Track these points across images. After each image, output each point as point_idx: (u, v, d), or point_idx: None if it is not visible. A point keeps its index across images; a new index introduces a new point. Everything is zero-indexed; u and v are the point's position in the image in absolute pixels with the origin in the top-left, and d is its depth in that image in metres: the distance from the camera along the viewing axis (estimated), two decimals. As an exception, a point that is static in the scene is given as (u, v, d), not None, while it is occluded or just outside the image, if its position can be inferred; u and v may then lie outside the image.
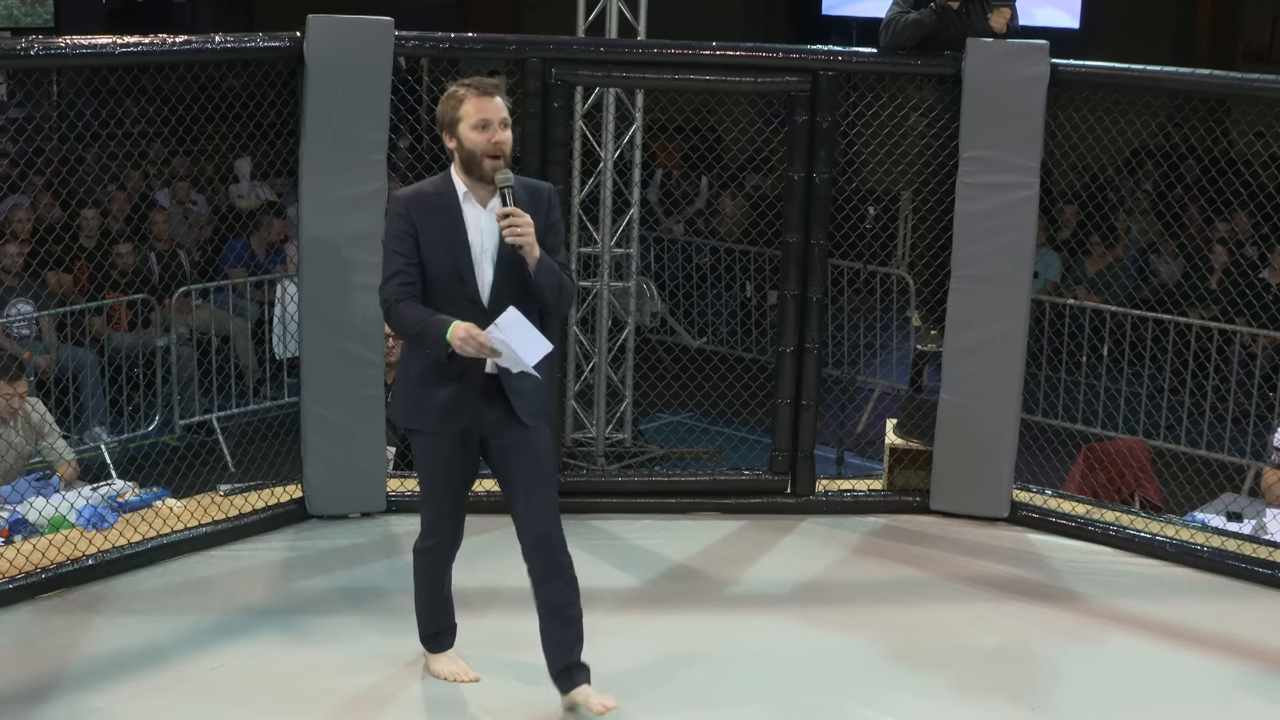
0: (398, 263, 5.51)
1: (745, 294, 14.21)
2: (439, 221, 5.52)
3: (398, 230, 5.53)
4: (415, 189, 5.62)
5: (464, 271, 5.52)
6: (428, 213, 5.52)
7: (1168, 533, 7.68)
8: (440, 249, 5.51)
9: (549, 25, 10.87)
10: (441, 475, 5.74)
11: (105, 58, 6.86)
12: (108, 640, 6.32)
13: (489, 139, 5.47)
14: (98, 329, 11.48)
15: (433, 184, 5.61)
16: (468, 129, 5.48)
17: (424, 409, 5.62)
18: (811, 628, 6.70)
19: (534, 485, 5.70)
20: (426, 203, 5.54)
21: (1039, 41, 7.67)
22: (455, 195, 5.55)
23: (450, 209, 5.54)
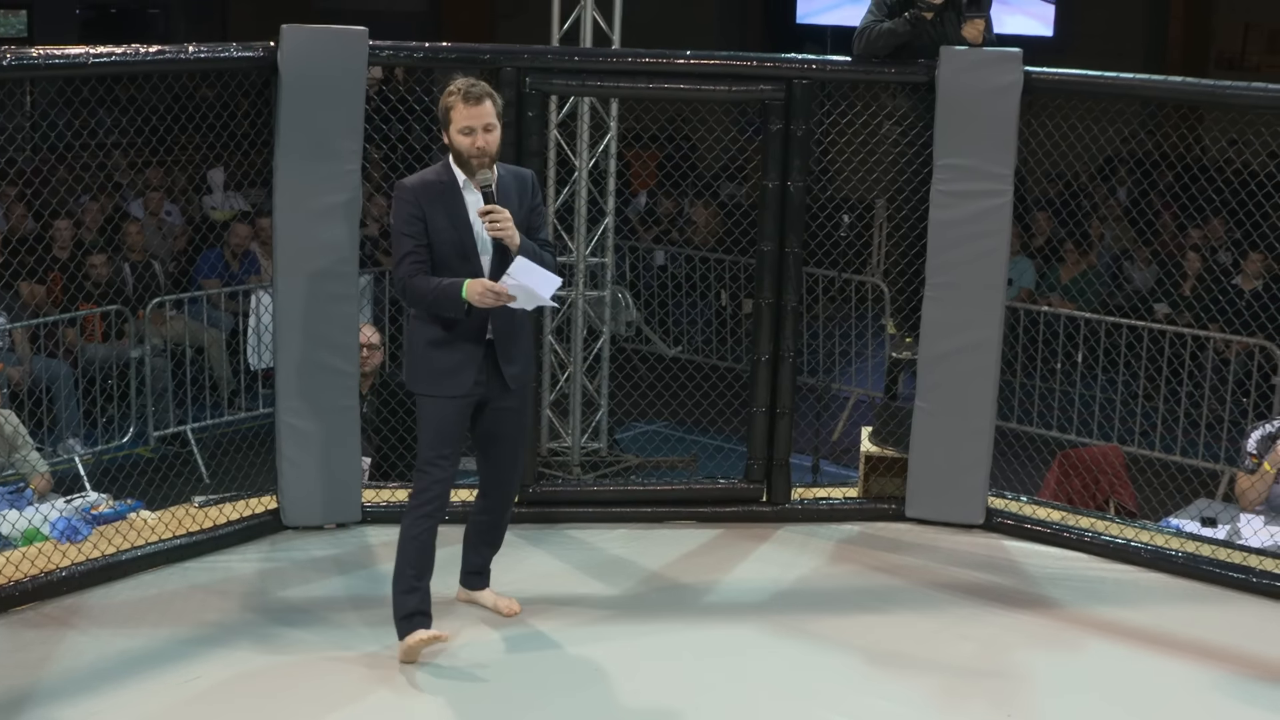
0: (408, 244, 6.08)
1: (720, 302, 14.22)
2: (444, 205, 6.10)
3: (407, 215, 6.10)
4: (419, 178, 6.19)
5: (468, 249, 6.11)
6: (433, 199, 6.10)
7: (1142, 538, 7.70)
8: (447, 229, 6.09)
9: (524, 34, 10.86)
10: (443, 434, 6.19)
11: (79, 68, 6.83)
12: (82, 654, 6.29)
13: (472, 143, 6.05)
14: (71, 340, 11.45)
15: (434, 173, 6.20)
16: (455, 132, 6.07)
17: (433, 373, 6.16)
18: (787, 636, 6.70)
19: (512, 446, 6.46)
20: (431, 190, 6.12)
21: (1012, 49, 7.68)
22: (456, 183, 6.14)
23: (453, 194, 6.12)
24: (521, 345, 6.32)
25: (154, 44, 7.01)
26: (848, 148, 8.49)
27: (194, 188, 15.44)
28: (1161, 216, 14.80)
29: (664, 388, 11.03)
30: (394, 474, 8.65)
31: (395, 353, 11.82)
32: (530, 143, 7.64)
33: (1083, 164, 12.28)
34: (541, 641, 6.53)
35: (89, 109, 7.89)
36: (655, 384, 11.10)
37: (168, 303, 11.90)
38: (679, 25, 18.47)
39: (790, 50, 9.10)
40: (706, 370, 11.07)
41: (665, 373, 11.05)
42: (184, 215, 14.83)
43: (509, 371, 6.23)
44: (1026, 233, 14.50)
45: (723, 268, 13.98)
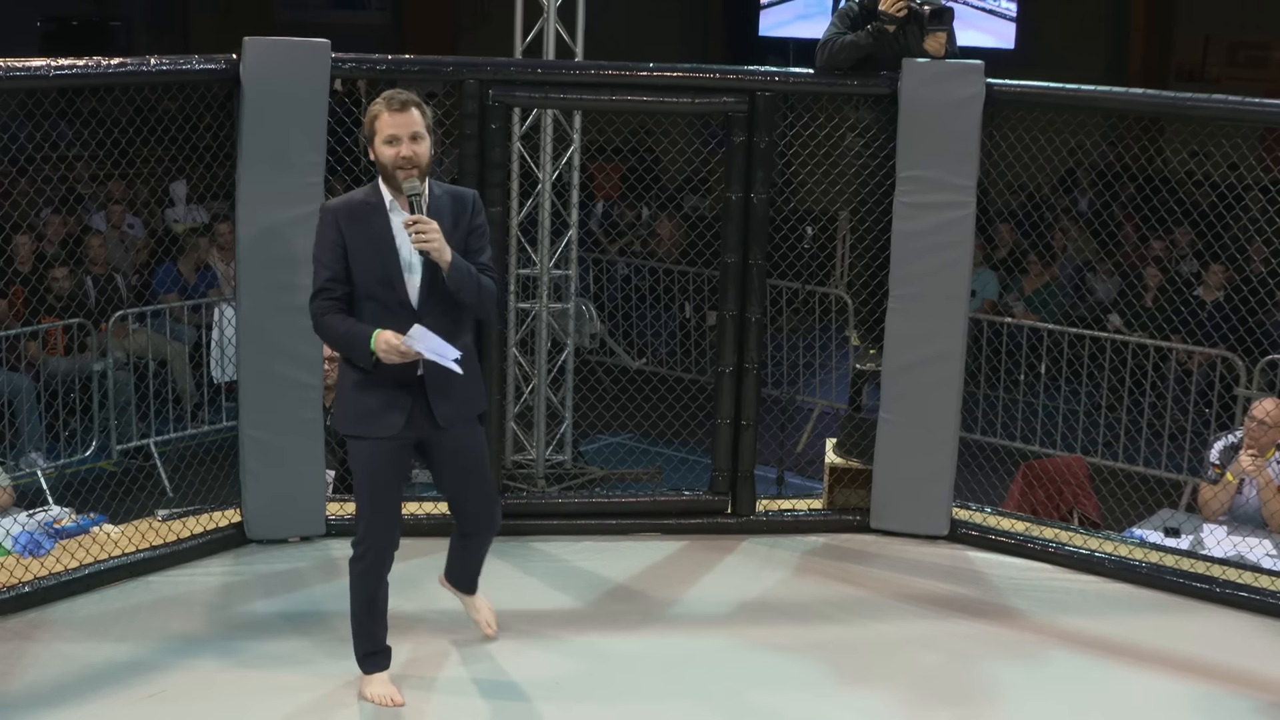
0: (324, 276, 5.75)
1: (684, 315, 14.22)
2: (368, 230, 5.74)
3: (327, 241, 5.75)
4: (344, 199, 5.85)
5: (394, 277, 5.74)
6: (356, 222, 5.75)
7: (1106, 549, 7.73)
8: (370, 256, 5.73)
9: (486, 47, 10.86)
10: (377, 478, 5.87)
11: (40, 80, 6.81)
12: (45, 668, 6.26)
13: (397, 154, 5.69)
14: (33, 353, 11.39)
15: (362, 193, 5.84)
16: (380, 144, 5.73)
17: (360, 414, 5.82)
18: (753, 647, 6.70)
19: (472, 481, 6.12)
20: (355, 212, 5.77)
21: (974, 61, 7.72)
22: (383, 204, 5.77)
23: (378, 217, 5.76)
24: (458, 380, 5.84)
25: (116, 56, 6.98)
26: (811, 160, 8.51)
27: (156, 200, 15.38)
28: (1124, 228, 14.86)
29: (628, 400, 11.03)
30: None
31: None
32: (493, 155, 7.64)
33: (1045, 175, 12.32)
34: (506, 653, 6.52)
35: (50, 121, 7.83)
36: (619, 396, 11.10)
37: (130, 316, 11.85)
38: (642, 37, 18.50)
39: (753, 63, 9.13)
40: (671, 382, 11.08)
41: (629, 385, 11.05)
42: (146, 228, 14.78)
43: (440, 410, 5.84)
44: (989, 244, 14.54)
45: (686, 280, 13.98)
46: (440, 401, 5.84)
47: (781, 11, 21.35)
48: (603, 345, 13.65)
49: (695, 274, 13.80)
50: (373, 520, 5.90)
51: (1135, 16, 20.02)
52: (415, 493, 7.92)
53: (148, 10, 24.09)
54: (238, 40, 7.24)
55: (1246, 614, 7.24)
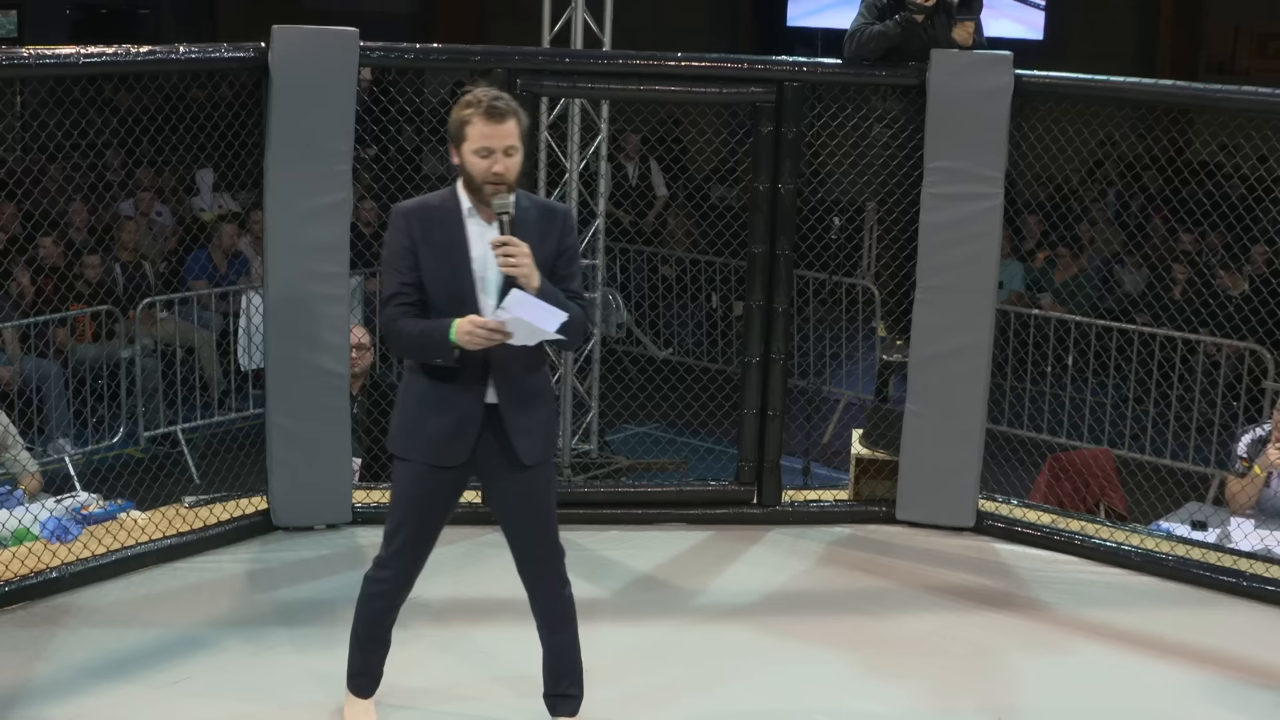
0: (395, 283, 5.24)
1: (711, 305, 14.21)
2: (441, 237, 5.22)
3: (397, 246, 5.24)
4: (419, 202, 5.33)
5: (465, 292, 5.21)
6: (430, 227, 5.23)
7: (1133, 541, 7.71)
8: (441, 266, 5.22)
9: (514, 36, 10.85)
10: (423, 507, 5.41)
11: (69, 68, 6.83)
12: (72, 653, 6.29)
13: (489, 167, 5.13)
14: (62, 340, 11.43)
15: (438, 197, 5.32)
16: (470, 152, 5.15)
17: (419, 438, 5.32)
18: (777, 638, 6.70)
19: (535, 536, 5.48)
20: (429, 217, 5.25)
21: (1003, 52, 7.70)
22: (459, 210, 5.25)
23: (453, 224, 5.24)
24: (538, 413, 5.34)
25: (144, 44, 7.00)
26: (838, 150, 8.50)
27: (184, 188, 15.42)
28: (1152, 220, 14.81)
29: (655, 390, 11.03)
30: (384, 475, 8.63)
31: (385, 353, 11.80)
32: (521, 144, 7.63)
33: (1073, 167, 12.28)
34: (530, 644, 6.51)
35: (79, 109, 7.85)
36: (646, 386, 11.09)
37: (158, 303, 11.88)
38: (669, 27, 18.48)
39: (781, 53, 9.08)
40: (697, 372, 11.07)
41: (656, 375, 11.04)
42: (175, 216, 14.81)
43: (522, 444, 5.29)
44: (1017, 235, 14.50)
45: (713, 270, 13.97)
46: (521, 435, 5.30)
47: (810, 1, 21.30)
48: (629, 335, 13.65)
49: (722, 264, 13.78)
50: (406, 548, 5.45)
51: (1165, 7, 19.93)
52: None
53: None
54: (266, 28, 7.25)
55: (1273, 608, 7.22)
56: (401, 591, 5.58)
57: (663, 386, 10.92)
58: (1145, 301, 12.59)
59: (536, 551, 5.49)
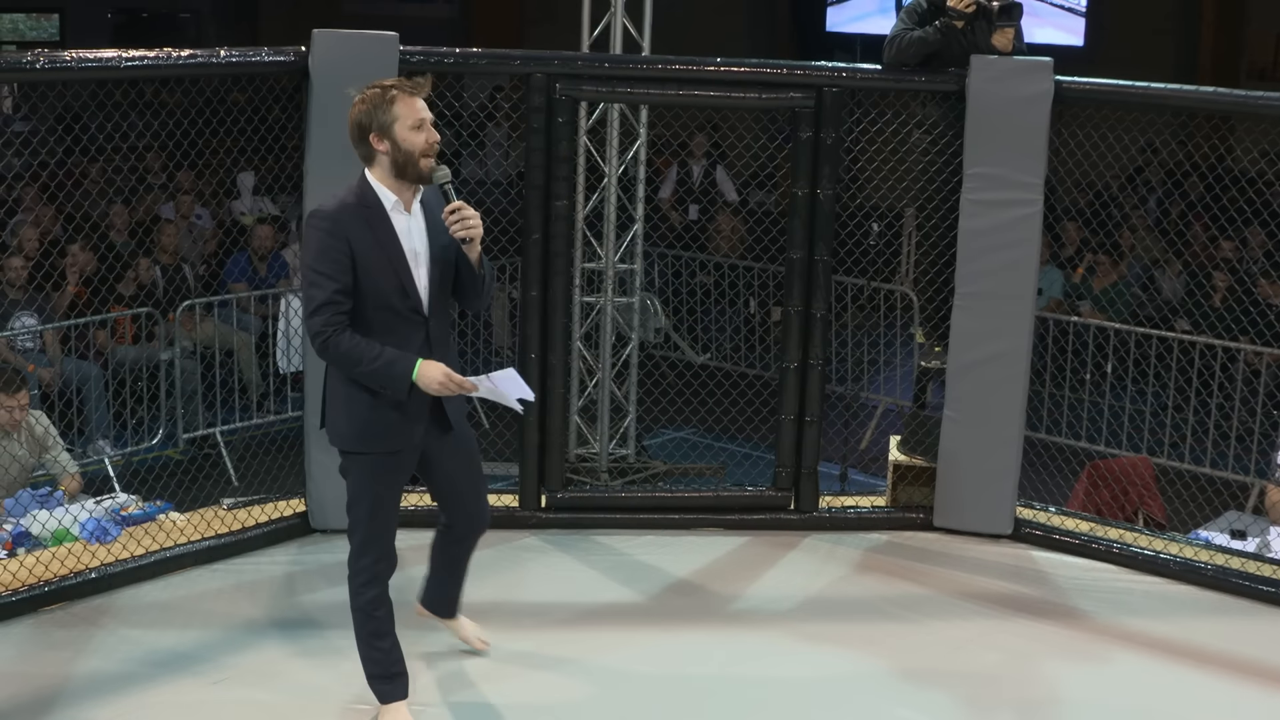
0: (327, 289, 5.27)
1: (749, 310, 14.20)
2: (374, 234, 5.35)
3: (331, 251, 5.29)
4: (339, 204, 5.38)
5: (405, 282, 5.40)
6: (361, 227, 5.34)
7: (1172, 550, 7.68)
8: (383, 265, 5.35)
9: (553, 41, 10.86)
10: (388, 494, 5.61)
11: (110, 71, 6.87)
12: (110, 653, 6.32)
13: (426, 138, 5.36)
14: (102, 342, 11.49)
15: (354, 196, 5.40)
16: (405, 130, 5.33)
17: (376, 431, 5.48)
18: (814, 644, 6.69)
19: (474, 481, 5.86)
20: (358, 217, 5.35)
21: (1043, 59, 7.68)
22: (383, 206, 5.39)
23: (382, 221, 5.37)
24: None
25: (185, 48, 7.03)
26: (877, 156, 8.49)
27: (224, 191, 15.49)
28: (1192, 227, 14.75)
29: (692, 395, 11.03)
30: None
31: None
32: (560, 149, 7.66)
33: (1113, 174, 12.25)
34: (568, 647, 6.53)
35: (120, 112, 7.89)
36: (683, 391, 11.10)
37: (198, 305, 11.93)
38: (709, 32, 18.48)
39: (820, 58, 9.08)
40: (735, 378, 11.05)
41: (694, 380, 11.04)
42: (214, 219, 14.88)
43: (450, 408, 5.61)
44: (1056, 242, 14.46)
45: (751, 275, 13.97)
46: (449, 404, 5.60)
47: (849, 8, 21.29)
48: (667, 340, 13.65)
49: (760, 269, 13.78)
50: (379, 538, 5.61)
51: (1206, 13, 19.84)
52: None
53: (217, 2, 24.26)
54: (306, 32, 7.28)
55: (1313, 618, 7.19)
56: (384, 576, 5.69)
57: (700, 392, 10.92)
58: (1185, 309, 12.54)
59: (473, 505, 5.91)
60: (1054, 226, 13.79)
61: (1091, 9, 19.77)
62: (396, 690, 5.76)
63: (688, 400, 11.13)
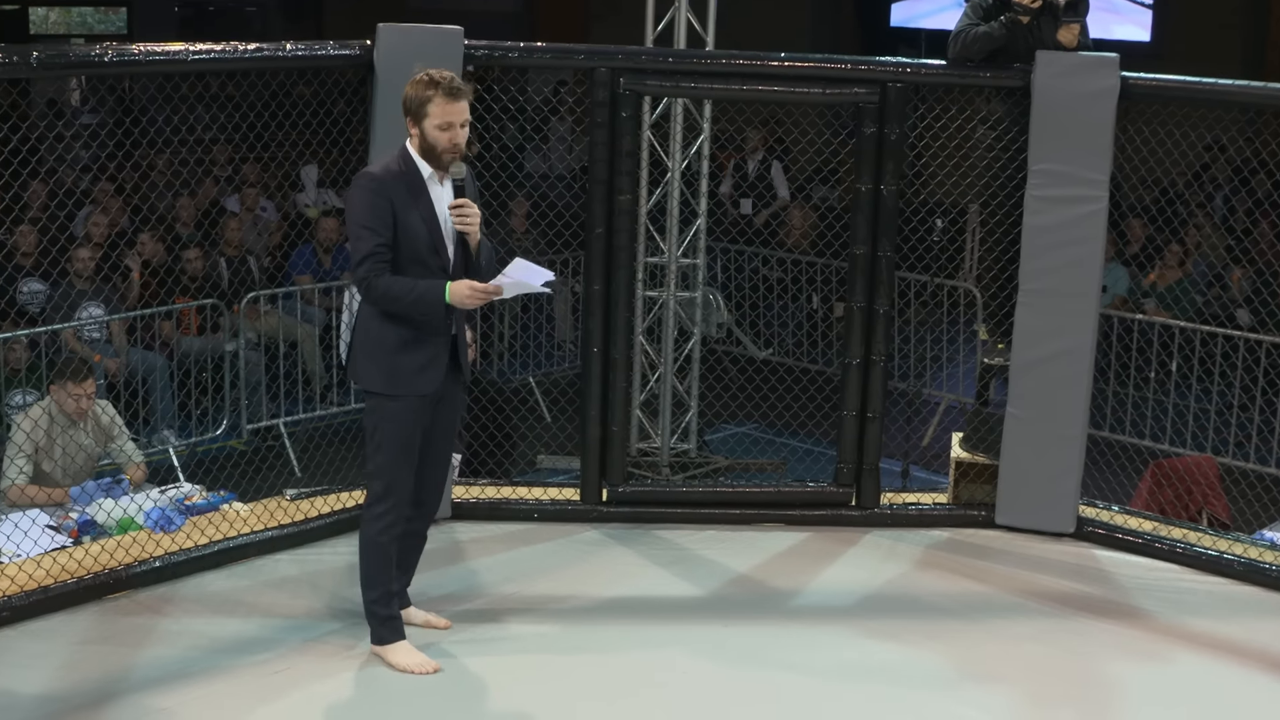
0: (372, 241, 5.84)
1: (812, 306, 14.18)
2: (415, 198, 5.93)
3: (376, 209, 5.86)
4: (384, 169, 5.98)
5: (438, 243, 5.96)
6: (403, 191, 5.92)
7: (1235, 550, 7.62)
8: (419, 225, 5.92)
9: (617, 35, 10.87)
10: (410, 436, 6.03)
11: (177, 64, 6.91)
12: (173, 641, 6.37)
13: (449, 139, 5.92)
14: (167, 333, 11.57)
15: (397, 164, 5.99)
16: (432, 126, 5.91)
17: (400, 373, 5.96)
18: (874, 640, 6.68)
19: (448, 438, 6.30)
20: (400, 184, 5.93)
21: (1109, 54, 7.63)
22: (421, 175, 5.97)
23: (421, 187, 5.96)
24: (465, 335, 6.26)
25: (251, 41, 7.07)
26: (941, 152, 8.46)
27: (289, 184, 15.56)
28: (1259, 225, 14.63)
29: (754, 390, 11.03)
30: (484, 470, 8.69)
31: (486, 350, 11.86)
32: (623, 143, 7.66)
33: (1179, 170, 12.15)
34: (629, 641, 6.54)
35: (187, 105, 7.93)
36: (745, 386, 11.10)
37: (262, 297, 12.00)
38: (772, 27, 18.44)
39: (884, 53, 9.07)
40: (797, 373, 11.05)
41: (755, 375, 11.05)
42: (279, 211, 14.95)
43: (462, 361, 6.15)
44: (1121, 239, 14.36)
45: (814, 270, 13.94)
46: (462, 356, 6.12)
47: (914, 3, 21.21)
48: (729, 335, 13.64)
49: (824, 265, 13.75)
50: (399, 479, 6.04)
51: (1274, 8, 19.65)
52: (541, 478, 7.93)
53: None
54: (371, 26, 7.31)
55: (1379, 619, 7.13)
56: (401, 521, 6.12)
57: (762, 387, 10.91)
58: (1251, 307, 12.45)
59: (440, 474, 6.32)
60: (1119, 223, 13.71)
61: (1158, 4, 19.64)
62: (398, 629, 6.20)
63: (749, 395, 11.14)
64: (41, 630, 6.42)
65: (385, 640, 6.18)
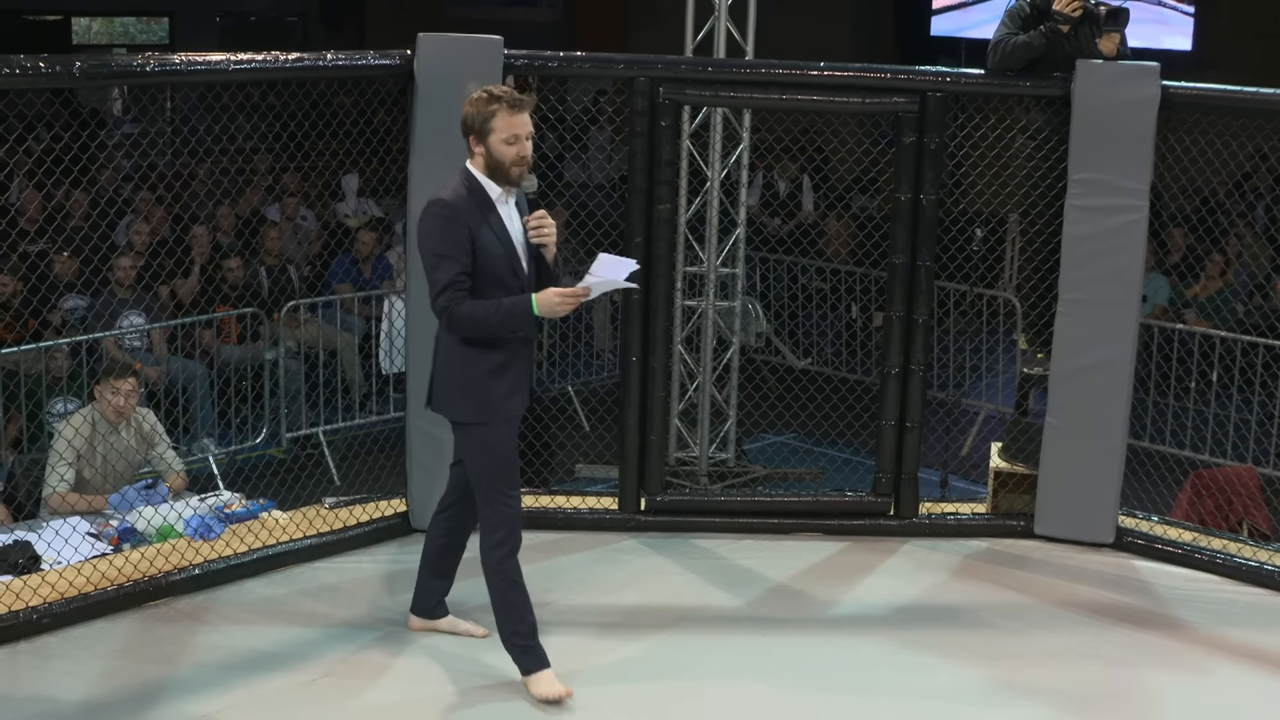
0: (452, 270, 5.78)
1: (851, 315, 14.16)
2: (488, 221, 5.87)
3: (452, 235, 5.80)
4: (455, 194, 5.89)
5: (515, 264, 5.92)
6: (475, 215, 5.85)
7: (1276, 561, 7.59)
8: (496, 248, 5.86)
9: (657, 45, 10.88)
10: (512, 460, 6.06)
11: (219, 74, 6.95)
12: (213, 649, 6.39)
13: (517, 153, 5.86)
14: (207, 342, 11.62)
15: (465, 188, 5.90)
16: (498, 141, 5.84)
17: (493, 401, 5.93)
18: (912, 650, 6.67)
19: None
20: (473, 207, 5.86)
21: (1150, 64, 7.61)
22: (490, 196, 5.90)
23: (491, 209, 5.89)
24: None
25: (293, 52, 7.10)
26: (981, 161, 8.44)
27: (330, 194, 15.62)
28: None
29: (793, 399, 11.02)
30: (522, 479, 8.68)
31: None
32: (662, 152, 7.67)
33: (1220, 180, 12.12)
34: (667, 650, 6.54)
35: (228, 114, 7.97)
36: (784, 395, 11.08)
37: (302, 306, 12.04)
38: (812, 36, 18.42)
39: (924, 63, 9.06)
40: (836, 383, 11.04)
41: (794, 384, 11.03)
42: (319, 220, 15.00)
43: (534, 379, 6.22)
44: (1162, 249, 14.31)
45: (854, 280, 13.93)
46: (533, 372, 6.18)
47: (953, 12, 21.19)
48: (768, 344, 13.63)
49: (863, 274, 13.73)
50: (512, 505, 6.02)
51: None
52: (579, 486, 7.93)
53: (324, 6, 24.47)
54: (412, 36, 7.33)
55: None
56: (519, 544, 6.06)
57: (801, 396, 10.90)
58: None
59: None
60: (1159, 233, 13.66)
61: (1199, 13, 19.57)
62: (541, 658, 6.06)
63: (788, 405, 11.12)
64: (82, 637, 6.46)
65: (528, 670, 6.06)
